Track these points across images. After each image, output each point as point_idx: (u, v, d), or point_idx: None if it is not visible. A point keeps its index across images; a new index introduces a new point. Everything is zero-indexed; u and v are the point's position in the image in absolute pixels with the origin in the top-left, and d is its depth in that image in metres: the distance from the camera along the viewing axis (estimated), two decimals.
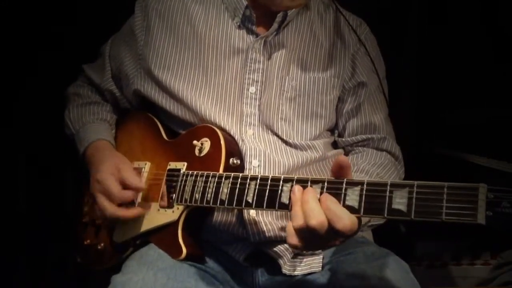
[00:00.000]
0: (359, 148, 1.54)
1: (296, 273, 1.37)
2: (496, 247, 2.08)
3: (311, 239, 1.05)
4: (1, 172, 2.00)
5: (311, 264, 1.38)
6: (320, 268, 1.37)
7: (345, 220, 1.01)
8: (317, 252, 1.39)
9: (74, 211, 1.61)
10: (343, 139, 1.54)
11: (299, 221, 1.04)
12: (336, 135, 1.56)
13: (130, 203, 1.39)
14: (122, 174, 1.37)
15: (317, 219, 1.02)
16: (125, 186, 1.36)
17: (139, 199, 1.40)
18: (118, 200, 1.36)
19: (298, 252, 1.38)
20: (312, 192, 1.06)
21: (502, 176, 1.97)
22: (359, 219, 1.05)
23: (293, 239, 1.06)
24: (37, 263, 2.07)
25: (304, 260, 1.39)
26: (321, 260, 1.38)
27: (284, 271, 1.36)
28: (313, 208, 1.03)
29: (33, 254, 2.06)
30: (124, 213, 1.35)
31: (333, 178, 1.07)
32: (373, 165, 1.44)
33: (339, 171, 1.06)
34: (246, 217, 1.32)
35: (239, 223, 1.34)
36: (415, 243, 2.30)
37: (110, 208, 1.35)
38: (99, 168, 1.40)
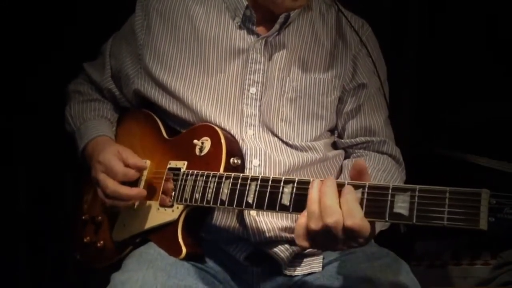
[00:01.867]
0: (360, 151, 1.53)
1: (296, 273, 1.38)
2: (496, 247, 2.08)
3: (322, 238, 1.04)
4: (1, 172, 2.00)
5: (312, 264, 1.38)
6: (321, 268, 1.38)
7: (355, 219, 1.00)
8: (317, 252, 1.39)
9: (74, 209, 1.61)
10: (343, 141, 1.54)
11: (316, 221, 1.02)
12: (335, 135, 1.55)
13: (133, 185, 1.38)
14: (124, 155, 1.38)
15: (333, 217, 1.00)
16: (127, 165, 1.37)
17: (141, 186, 1.40)
18: (120, 177, 1.35)
19: (299, 252, 1.38)
20: (333, 186, 1.04)
21: (502, 176, 1.97)
22: (373, 226, 1.04)
23: (303, 240, 1.05)
24: (37, 263, 2.06)
25: (305, 260, 1.39)
26: (322, 260, 1.39)
27: (284, 271, 1.37)
28: (331, 204, 1.02)
29: (33, 254, 2.06)
30: (127, 191, 1.34)
31: (335, 180, 1.07)
32: (378, 171, 1.43)
33: (358, 175, 1.06)
34: (247, 217, 1.32)
35: (240, 222, 1.34)
36: (415, 243, 2.30)
37: (113, 185, 1.34)
38: (101, 152, 1.40)
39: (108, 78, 1.60)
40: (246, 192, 1.18)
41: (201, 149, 1.34)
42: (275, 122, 1.42)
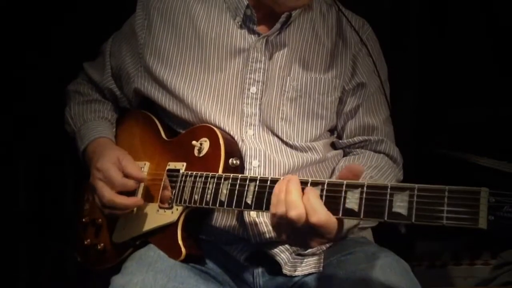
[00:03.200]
0: (357, 150, 1.53)
1: (296, 273, 1.37)
2: (496, 247, 2.08)
3: (290, 230, 1.07)
4: (1, 172, 2.00)
5: (312, 264, 1.38)
6: (321, 268, 1.37)
7: (320, 214, 1.03)
8: (317, 252, 1.39)
9: (74, 211, 1.61)
10: (341, 141, 1.53)
11: (281, 208, 1.06)
12: (335, 135, 1.55)
13: (130, 194, 1.38)
14: (123, 164, 1.37)
15: (296, 210, 1.04)
16: (126, 175, 1.36)
17: (139, 195, 1.39)
18: (118, 187, 1.35)
19: (299, 252, 1.38)
20: (296, 184, 1.07)
21: (502, 176, 1.97)
22: (340, 222, 1.06)
23: (276, 229, 1.10)
24: (37, 263, 2.07)
25: (305, 260, 1.39)
26: (322, 260, 1.38)
27: (284, 271, 1.36)
28: (295, 199, 1.05)
29: (33, 254, 2.06)
30: (123, 200, 1.34)
31: (333, 180, 1.07)
32: (368, 168, 1.43)
33: (349, 177, 1.07)
34: (247, 218, 1.32)
35: (240, 224, 1.34)
36: (415, 243, 2.30)
37: (109, 195, 1.34)
38: (100, 158, 1.40)
39: (108, 77, 1.59)
40: (245, 193, 1.18)
41: (199, 150, 1.34)
42: (276, 121, 1.42)
